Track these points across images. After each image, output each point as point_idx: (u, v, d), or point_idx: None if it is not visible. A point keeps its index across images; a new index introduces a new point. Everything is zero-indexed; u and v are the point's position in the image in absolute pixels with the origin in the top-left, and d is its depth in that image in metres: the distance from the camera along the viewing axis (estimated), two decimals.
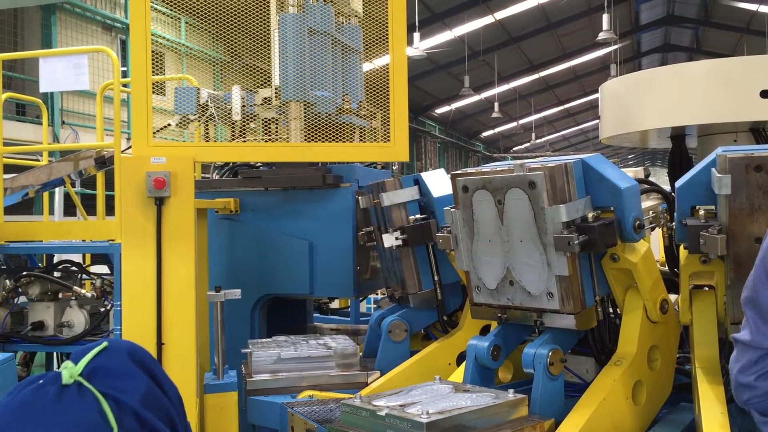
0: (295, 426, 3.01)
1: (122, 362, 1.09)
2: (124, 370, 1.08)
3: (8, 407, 1.01)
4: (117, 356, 1.09)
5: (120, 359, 1.09)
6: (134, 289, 3.10)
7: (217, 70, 5.03)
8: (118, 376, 1.07)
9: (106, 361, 1.07)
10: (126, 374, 1.08)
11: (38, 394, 1.02)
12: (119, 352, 1.09)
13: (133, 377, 1.08)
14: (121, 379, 1.07)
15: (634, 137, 4.22)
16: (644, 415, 2.73)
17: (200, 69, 5.98)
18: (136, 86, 3.28)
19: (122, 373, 1.08)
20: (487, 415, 2.47)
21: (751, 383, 1.76)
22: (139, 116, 3.27)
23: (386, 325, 3.54)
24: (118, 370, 1.08)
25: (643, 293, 2.73)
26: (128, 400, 1.05)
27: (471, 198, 2.87)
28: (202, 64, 6.19)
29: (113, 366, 1.08)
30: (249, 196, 4.38)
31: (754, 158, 2.37)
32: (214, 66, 4.78)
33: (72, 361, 1.06)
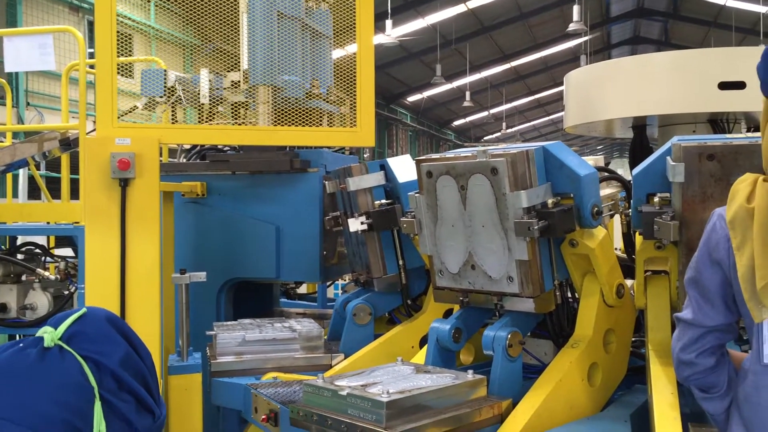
0: (258, 407, 3.05)
1: (101, 327, 1.14)
2: (102, 334, 1.13)
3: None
4: (95, 322, 1.15)
5: (98, 325, 1.15)
6: (98, 271, 3.10)
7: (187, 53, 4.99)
8: (97, 341, 1.12)
9: (85, 326, 1.12)
10: (105, 339, 1.13)
11: (20, 356, 1.06)
12: (98, 318, 1.14)
13: (111, 342, 1.13)
14: (100, 343, 1.12)
15: (597, 126, 4.30)
16: (599, 396, 2.81)
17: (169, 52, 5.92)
18: (101, 67, 3.25)
19: (101, 337, 1.13)
20: (446, 395, 2.52)
21: (691, 360, 1.83)
22: (104, 97, 3.25)
23: (351, 308, 3.58)
24: (96, 334, 1.13)
25: (600, 278, 2.80)
26: (107, 362, 1.10)
27: (435, 183, 2.91)
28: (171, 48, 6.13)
29: (92, 331, 1.13)
30: (216, 179, 4.38)
31: (707, 147, 2.45)
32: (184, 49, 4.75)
33: (51, 326, 1.10)
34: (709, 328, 1.79)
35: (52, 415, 1.05)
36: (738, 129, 3.93)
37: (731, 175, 2.36)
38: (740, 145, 2.45)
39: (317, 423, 2.49)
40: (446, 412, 2.47)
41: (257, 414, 3.04)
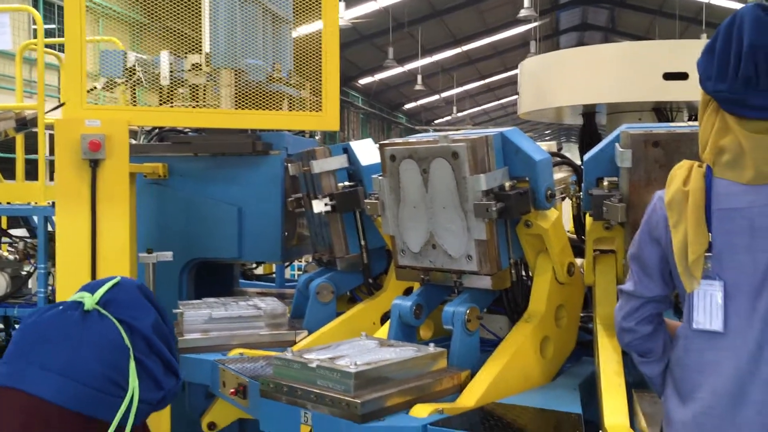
0: (226, 381, 3.15)
1: (133, 295, 1.26)
2: (135, 301, 1.25)
3: (37, 325, 1.16)
4: (128, 289, 1.27)
5: (131, 292, 1.26)
6: (69, 251, 3.14)
7: (135, 32, 4.95)
8: (131, 306, 1.24)
9: (119, 293, 1.23)
10: (137, 305, 1.25)
11: (64, 316, 1.17)
12: (130, 286, 1.26)
13: (143, 308, 1.25)
14: (133, 308, 1.24)
15: (549, 113, 4.49)
16: (550, 368, 3.00)
17: (118, 30, 5.82)
18: (70, 48, 3.27)
19: (134, 303, 1.25)
20: (409, 366, 2.68)
21: (632, 327, 2.02)
22: (73, 78, 3.28)
23: (314, 287, 3.70)
24: (130, 301, 1.25)
25: (553, 257, 2.98)
26: (140, 327, 1.22)
27: (398, 167, 3.05)
28: (120, 26, 6.03)
29: (126, 297, 1.25)
30: (178, 161, 4.42)
31: (652, 135, 2.64)
32: (132, 28, 4.72)
33: (87, 291, 1.21)
34: (648, 298, 1.98)
35: (96, 370, 1.16)
36: (681, 117, 4.16)
37: (674, 161, 2.54)
38: (682, 134, 2.65)
39: (287, 394, 2.62)
40: (410, 382, 2.62)
41: (225, 388, 3.14)
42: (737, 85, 1.70)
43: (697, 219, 1.77)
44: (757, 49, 1.67)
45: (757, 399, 1.72)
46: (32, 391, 1.13)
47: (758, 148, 1.72)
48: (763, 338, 1.72)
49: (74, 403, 1.15)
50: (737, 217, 1.75)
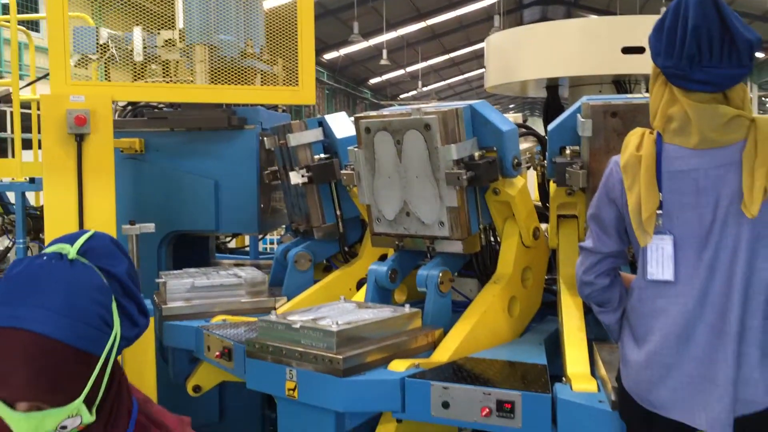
0: (211, 345, 3.30)
1: (107, 245, 1.40)
2: (109, 251, 1.39)
3: (27, 273, 1.29)
4: (102, 241, 1.40)
5: (105, 243, 1.40)
6: (57, 222, 3.24)
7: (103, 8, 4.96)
8: (106, 255, 1.38)
9: (95, 244, 1.37)
10: (111, 254, 1.39)
11: (51, 264, 1.30)
12: (104, 239, 1.41)
13: (117, 257, 1.39)
14: (109, 257, 1.38)
15: (514, 87, 4.66)
16: (517, 325, 3.20)
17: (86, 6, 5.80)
18: (53, 26, 3.34)
19: (108, 253, 1.39)
20: (387, 325, 2.86)
21: (591, 281, 2.22)
22: (57, 55, 3.34)
23: (292, 255, 3.85)
24: (105, 250, 1.38)
25: (519, 222, 3.17)
26: (116, 272, 1.36)
27: (373, 139, 3.19)
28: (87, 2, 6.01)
29: (101, 247, 1.38)
30: (154, 136, 4.50)
31: (611, 106, 2.83)
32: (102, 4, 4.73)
33: (66, 243, 1.35)
34: (606, 254, 2.18)
35: (91, 310, 1.29)
36: (638, 89, 4.36)
37: (631, 129, 2.75)
38: (639, 104, 2.84)
39: (273, 353, 2.78)
40: (387, 340, 2.80)
41: (210, 352, 3.29)
42: (682, 61, 1.89)
43: (649, 180, 1.96)
44: (699, 30, 1.85)
45: (701, 339, 1.93)
46: (35, 329, 1.24)
47: (702, 117, 1.91)
48: (708, 285, 1.92)
49: (72, 339, 1.26)
50: (684, 178, 1.94)
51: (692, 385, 1.92)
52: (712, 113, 1.89)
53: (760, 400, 1.89)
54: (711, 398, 1.89)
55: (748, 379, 1.89)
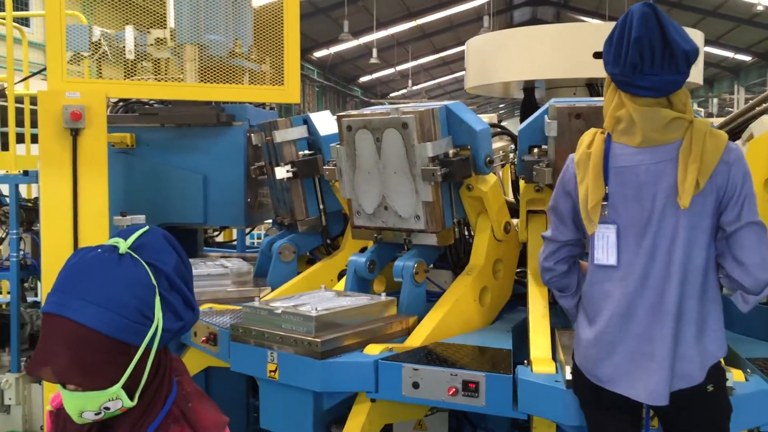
0: (198, 331, 3.46)
1: (159, 241, 1.49)
2: (160, 246, 1.48)
3: (80, 264, 1.41)
4: (155, 236, 1.49)
5: (157, 239, 1.49)
6: (52, 212, 3.39)
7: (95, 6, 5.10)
8: (157, 251, 1.47)
9: (148, 239, 1.47)
10: (162, 250, 1.48)
11: (102, 258, 1.42)
12: (156, 234, 1.50)
13: (166, 253, 1.48)
14: (159, 253, 1.47)
15: (493, 88, 4.85)
16: (488, 314, 3.38)
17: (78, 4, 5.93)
18: (51, 23, 3.48)
19: (159, 249, 1.48)
20: (364, 312, 3.04)
21: (551, 267, 2.41)
22: (54, 53, 3.50)
23: (277, 247, 4.01)
24: (156, 246, 1.47)
25: (491, 217, 3.35)
26: (164, 268, 1.46)
27: (354, 136, 3.37)
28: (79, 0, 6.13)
29: (152, 243, 1.47)
30: (145, 132, 4.66)
31: (575, 108, 3.02)
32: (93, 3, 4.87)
33: (121, 237, 1.46)
34: (563, 242, 2.37)
35: (130, 304, 1.39)
36: None
37: None
38: (600, 107, 2.98)
39: (255, 337, 2.95)
40: (364, 325, 2.98)
41: (197, 337, 3.46)
42: (627, 69, 2.08)
43: (596, 174, 2.15)
44: (642, 41, 2.04)
45: (641, 318, 2.12)
46: (77, 319, 1.36)
47: (645, 119, 2.10)
48: (647, 269, 2.12)
49: (111, 330, 1.37)
50: (628, 173, 2.13)
51: (633, 360, 2.12)
52: (654, 116, 2.09)
53: (696, 375, 2.09)
54: (649, 372, 2.08)
55: (684, 356, 2.08)
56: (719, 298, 2.16)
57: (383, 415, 2.89)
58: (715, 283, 2.15)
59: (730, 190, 2.06)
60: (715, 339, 2.12)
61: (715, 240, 2.13)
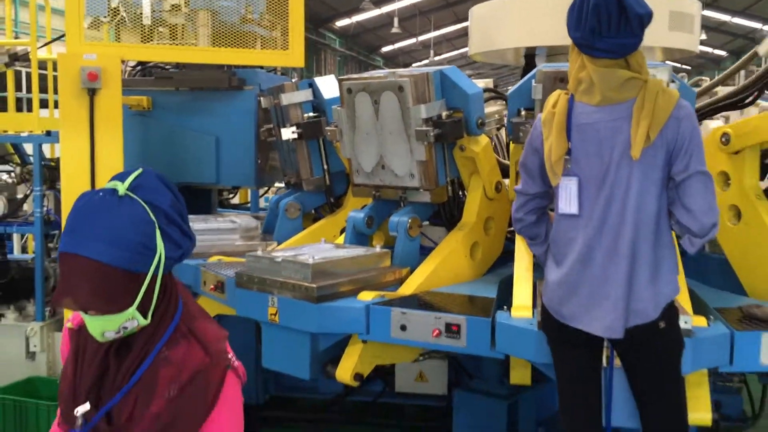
0: (207, 280, 3.71)
1: (153, 181, 1.65)
2: (155, 186, 1.64)
3: (85, 206, 1.58)
4: (149, 177, 1.65)
5: (151, 179, 1.65)
6: (72, 166, 3.64)
7: None
8: (152, 190, 1.63)
9: (143, 180, 1.63)
10: (156, 189, 1.64)
11: (105, 200, 1.59)
12: (150, 175, 1.66)
13: (161, 191, 1.64)
14: (154, 192, 1.63)
15: (495, 55, 4.99)
16: (478, 268, 3.59)
17: None
18: None
19: (154, 188, 1.64)
20: (359, 262, 3.25)
21: (521, 217, 2.61)
22: (72, 17, 3.72)
23: (283, 204, 4.24)
24: (151, 186, 1.64)
25: (483, 176, 3.53)
26: (161, 205, 1.62)
27: (353, 99, 3.56)
28: None
29: (148, 183, 1.64)
30: (160, 95, 4.88)
31: (559, 72, 3.17)
32: None
33: (118, 180, 1.63)
34: (532, 195, 2.56)
35: (135, 239, 1.57)
36: None
37: None
38: None
39: (258, 284, 3.19)
40: (358, 274, 3.20)
41: (206, 286, 3.70)
42: (586, 33, 2.25)
43: (559, 131, 2.34)
44: (599, 7, 2.21)
45: (599, 261, 2.32)
46: (91, 255, 1.54)
47: (603, 80, 2.27)
48: (604, 217, 2.31)
49: (121, 263, 1.56)
50: (589, 130, 2.31)
51: (592, 299, 2.32)
52: (611, 76, 2.26)
53: (650, 313, 2.29)
54: (606, 310, 2.29)
55: (639, 295, 2.28)
56: (672, 245, 2.35)
57: (374, 355, 3.11)
58: (668, 230, 2.34)
59: (680, 143, 2.24)
60: (668, 281, 2.31)
61: (667, 190, 2.31)
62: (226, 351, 1.72)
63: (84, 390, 1.70)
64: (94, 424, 1.66)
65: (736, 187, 3.21)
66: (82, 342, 1.76)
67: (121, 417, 1.65)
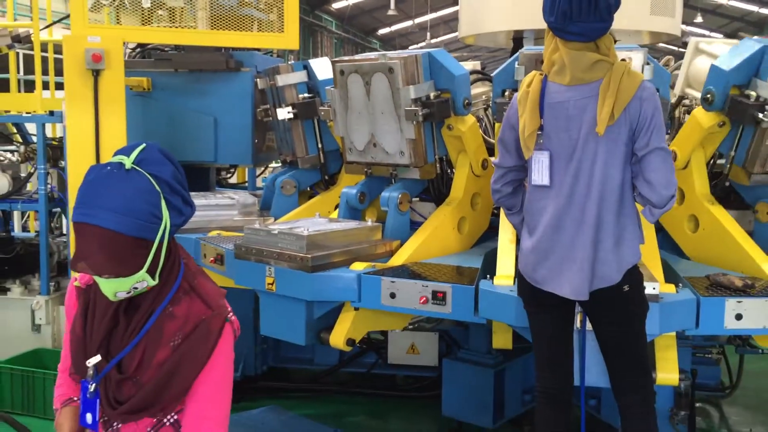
0: (207, 253, 3.89)
1: (156, 155, 1.79)
2: (158, 159, 1.78)
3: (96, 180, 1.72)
4: (152, 151, 1.79)
5: (154, 153, 1.79)
6: (77, 143, 3.81)
7: None
8: (156, 163, 1.77)
9: (147, 154, 1.77)
10: (159, 162, 1.78)
11: (113, 173, 1.73)
12: (153, 149, 1.80)
13: (164, 164, 1.78)
14: (158, 164, 1.77)
15: (485, 38, 5.15)
16: (465, 241, 3.77)
17: None
18: None
19: (157, 161, 1.77)
20: (351, 235, 3.44)
21: (499, 188, 2.80)
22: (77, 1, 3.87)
23: (279, 182, 4.41)
24: (154, 159, 1.77)
25: (470, 154, 3.71)
26: (164, 177, 1.76)
27: (346, 80, 3.72)
28: None
29: (151, 157, 1.77)
30: (160, 76, 5.03)
31: (541, 54, 3.30)
32: None
33: (123, 155, 1.78)
34: (508, 168, 2.74)
35: (143, 209, 1.71)
36: None
37: None
38: None
39: (255, 255, 3.37)
40: (350, 246, 3.38)
41: (206, 258, 3.88)
42: (559, 17, 2.42)
43: (533, 108, 2.52)
44: None
45: (568, 229, 2.51)
46: (103, 225, 1.67)
47: (573, 61, 2.45)
48: (572, 188, 2.50)
49: (131, 231, 1.70)
50: (559, 108, 2.50)
51: (561, 264, 2.51)
52: (581, 58, 2.44)
53: (614, 277, 2.49)
54: (573, 274, 2.48)
55: (603, 260, 2.48)
56: (635, 215, 2.55)
57: (366, 322, 3.31)
58: (631, 202, 2.53)
59: (642, 121, 2.42)
60: (630, 247, 2.51)
61: (630, 164, 2.49)
62: (226, 306, 1.89)
63: (95, 344, 1.88)
64: (106, 372, 1.85)
65: (690, 198, 3.49)
66: (91, 300, 1.93)
67: (130, 366, 1.83)
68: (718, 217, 3.35)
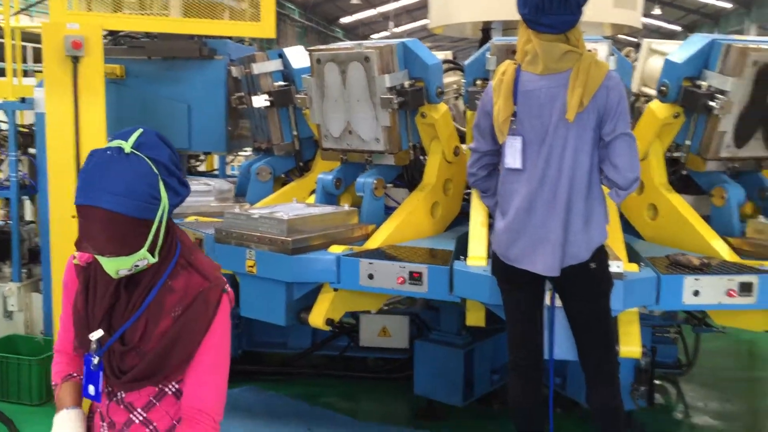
0: None
1: (153, 139, 1.86)
2: (155, 143, 1.85)
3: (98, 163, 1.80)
4: (149, 136, 1.86)
5: (151, 137, 1.86)
6: (56, 130, 3.84)
7: None
8: (153, 147, 1.84)
9: (144, 138, 1.84)
10: (156, 146, 1.85)
11: (113, 158, 1.79)
12: (151, 134, 1.87)
13: (161, 147, 1.86)
14: (155, 148, 1.84)
15: (454, 28, 5.27)
16: (438, 225, 3.91)
17: None
18: None
19: (155, 145, 1.85)
20: (329, 219, 3.55)
21: (474, 172, 2.94)
22: None
23: (255, 168, 4.50)
24: (151, 143, 1.84)
25: (442, 141, 3.84)
26: (161, 159, 1.84)
27: (323, 68, 3.82)
28: None
29: (149, 141, 1.84)
30: (133, 63, 5.06)
31: (511, 45, 3.47)
32: None
33: (121, 139, 1.84)
34: (483, 152, 2.89)
35: (143, 190, 1.78)
36: None
37: None
38: None
39: (236, 238, 3.46)
40: (328, 230, 3.50)
41: None
42: (532, 10, 2.57)
43: (506, 96, 2.67)
44: None
45: (539, 211, 2.67)
46: (106, 206, 1.73)
47: (546, 52, 2.60)
48: (544, 172, 2.65)
49: (133, 212, 1.77)
50: (532, 96, 2.64)
51: (533, 244, 2.67)
52: (553, 49, 2.59)
53: (582, 255, 2.66)
54: (545, 252, 2.64)
55: (573, 240, 2.64)
56: (602, 197, 2.71)
57: (345, 302, 3.43)
58: (599, 185, 2.70)
59: (608, 108, 2.58)
60: (598, 228, 2.67)
61: (598, 149, 2.66)
62: (222, 277, 1.99)
63: (97, 319, 1.97)
64: (109, 345, 1.94)
65: (649, 187, 3.67)
66: (91, 277, 2.01)
67: (133, 337, 1.92)
68: (675, 205, 3.55)
